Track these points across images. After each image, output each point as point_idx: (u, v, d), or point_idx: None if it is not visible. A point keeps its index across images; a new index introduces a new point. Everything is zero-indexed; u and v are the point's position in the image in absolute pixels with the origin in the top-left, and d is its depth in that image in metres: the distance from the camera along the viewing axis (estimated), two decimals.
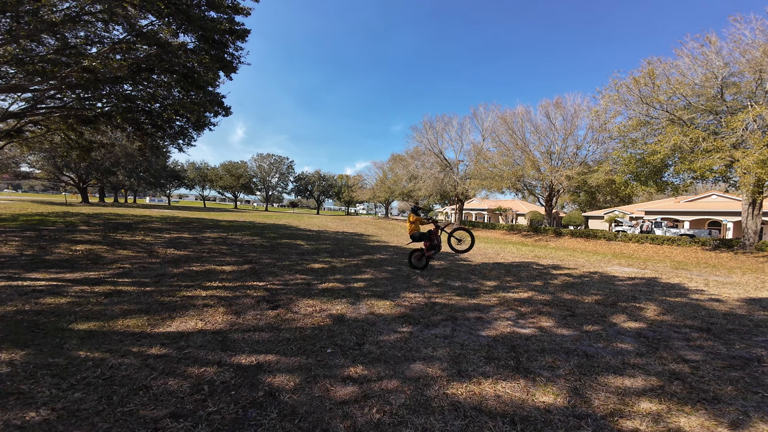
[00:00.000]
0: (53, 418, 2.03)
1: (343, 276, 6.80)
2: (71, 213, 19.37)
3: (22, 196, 54.65)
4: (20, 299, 4.16)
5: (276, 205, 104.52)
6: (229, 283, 5.70)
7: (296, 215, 48.10)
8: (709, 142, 14.66)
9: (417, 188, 39.37)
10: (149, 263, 6.87)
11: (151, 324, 3.65)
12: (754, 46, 14.48)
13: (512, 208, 48.92)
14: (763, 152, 12.95)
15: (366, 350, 3.27)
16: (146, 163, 42.01)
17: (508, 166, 28.43)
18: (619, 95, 18.26)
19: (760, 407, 2.56)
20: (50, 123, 15.28)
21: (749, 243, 16.48)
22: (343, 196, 76.34)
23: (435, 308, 4.87)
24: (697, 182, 18.43)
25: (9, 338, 3.08)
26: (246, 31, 12.95)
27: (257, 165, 71.99)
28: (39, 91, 12.19)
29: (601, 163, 23.86)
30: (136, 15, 10.62)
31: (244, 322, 3.86)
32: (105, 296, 4.51)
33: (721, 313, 5.31)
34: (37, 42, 10.57)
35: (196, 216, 25.86)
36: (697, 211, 29.67)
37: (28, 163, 38.62)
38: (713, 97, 15.90)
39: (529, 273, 8.58)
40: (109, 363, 2.72)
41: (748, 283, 8.65)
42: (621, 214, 36.36)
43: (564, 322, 4.50)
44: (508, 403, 2.46)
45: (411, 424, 2.17)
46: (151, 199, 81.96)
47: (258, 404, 2.30)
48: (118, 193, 55.69)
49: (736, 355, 3.59)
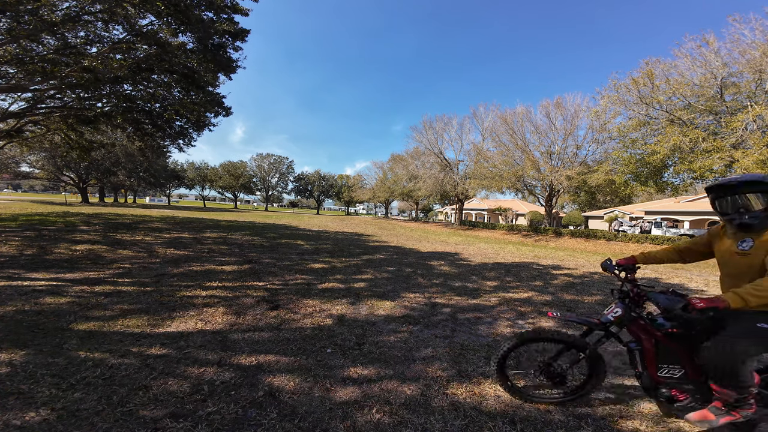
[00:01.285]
0: (53, 418, 2.03)
1: (343, 276, 6.80)
2: (71, 213, 19.37)
3: (22, 196, 54.65)
4: (20, 299, 4.16)
5: (276, 205, 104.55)
6: (229, 283, 5.70)
7: (296, 215, 48.11)
8: (709, 143, 14.66)
9: (417, 188, 39.38)
10: (149, 263, 6.87)
11: (151, 324, 3.65)
12: (753, 46, 14.49)
13: (512, 208, 48.90)
14: (762, 152, 12.95)
15: (366, 350, 3.27)
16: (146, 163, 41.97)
17: (508, 166, 28.43)
18: (619, 96, 18.25)
19: None
20: (50, 123, 15.28)
21: None
22: (343, 196, 76.36)
23: (435, 308, 4.87)
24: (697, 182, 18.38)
25: (9, 338, 3.08)
26: (245, 31, 12.96)
27: (257, 165, 71.98)
28: (39, 91, 12.18)
29: (601, 163, 23.86)
30: (136, 15, 10.61)
31: (244, 322, 3.86)
32: (105, 296, 4.51)
33: None
34: (37, 42, 10.55)
35: (196, 216, 25.86)
36: (697, 211, 29.68)
37: (28, 163, 38.57)
38: (713, 98, 15.89)
39: (529, 273, 8.58)
40: (109, 363, 2.72)
41: None
42: (621, 214, 36.38)
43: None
44: (508, 403, 2.46)
45: (411, 424, 2.17)
46: (151, 199, 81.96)
47: (258, 404, 2.30)
48: (118, 193, 55.67)
49: None
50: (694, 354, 1.98)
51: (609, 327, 2.09)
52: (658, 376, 2.03)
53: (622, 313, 2.04)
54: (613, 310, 2.09)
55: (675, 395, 2.04)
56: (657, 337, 2.02)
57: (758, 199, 1.86)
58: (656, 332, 2.02)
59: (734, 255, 1.95)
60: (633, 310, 2.05)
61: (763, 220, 1.87)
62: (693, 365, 1.99)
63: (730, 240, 2.03)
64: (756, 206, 1.86)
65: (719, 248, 2.12)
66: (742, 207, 1.89)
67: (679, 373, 2.00)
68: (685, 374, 1.98)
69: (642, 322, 2.05)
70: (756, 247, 1.87)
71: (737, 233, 1.99)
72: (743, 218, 1.88)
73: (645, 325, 2.04)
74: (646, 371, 2.07)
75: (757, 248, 1.86)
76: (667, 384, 2.03)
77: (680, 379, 2.00)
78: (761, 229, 1.88)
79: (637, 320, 2.05)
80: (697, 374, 1.98)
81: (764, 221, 1.87)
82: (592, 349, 2.17)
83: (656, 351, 2.03)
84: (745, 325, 1.83)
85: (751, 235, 1.91)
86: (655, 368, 2.03)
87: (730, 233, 2.05)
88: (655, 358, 2.02)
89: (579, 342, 2.18)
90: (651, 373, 2.04)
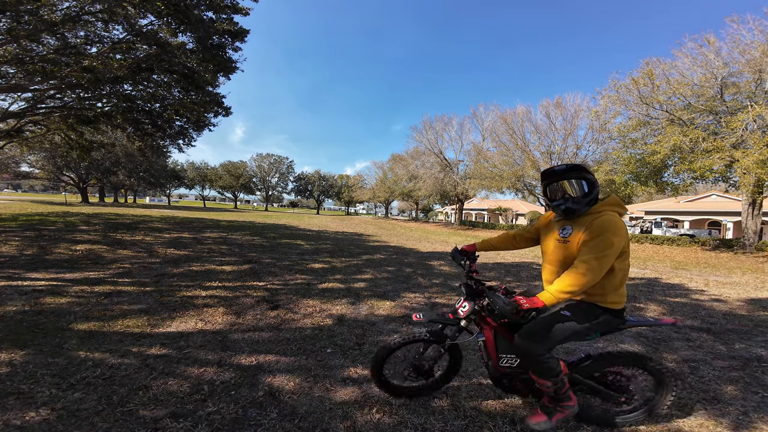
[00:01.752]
0: (53, 418, 2.03)
1: (343, 276, 6.80)
2: (71, 213, 19.37)
3: (22, 196, 54.64)
4: (20, 299, 4.16)
5: (276, 205, 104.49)
6: (229, 283, 5.70)
7: (296, 215, 48.11)
8: (709, 143, 14.65)
9: (417, 188, 39.38)
10: (149, 263, 6.87)
11: (151, 324, 3.65)
12: (753, 46, 14.48)
13: (512, 208, 48.91)
14: (763, 152, 12.95)
15: (366, 350, 3.27)
16: (146, 163, 41.96)
17: (508, 166, 28.44)
18: (619, 96, 18.25)
19: (760, 407, 2.56)
20: (50, 123, 15.29)
21: (749, 243, 16.48)
22: (343, 196, 76.37)
23: (435, 308, 4.87)
24: (697, 182, 18.39)
25: (9, 338, 3.07)
26: (245, 31, 12.96)
27: (257, 165, 71.97)
28: (39, 91, 12.19)
29: (601, 163, 23.85)
30: (136, 15, 10.61)
31: (244, 322, 3.86)
32: (105, 296, 4.51)
33: (721, 313, 5.31)
34: (37, 42, 10.55)
35: (196, 216, 25.86)
36: (697, 211, 29.67)
37: (28, 163, 38.57)
38: (713, 98, 15.89)
39: (529, 273, 8.58)
40: (109, 363, 2.72)
41: (748, 283, 8.65)
42: None
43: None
44: (508, 403, 2.46)
45: (411, 424, 2.17)
46: (150, 199, 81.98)
47: (258, 404, 2.30)
48: (118, 193, 55.66)
49: (736, 355, 3.59)
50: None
51: (460, 322, 2.19)
52: (500, 366, 2.13)
53: (469, 308, 2.13)
54: (461, 305, 2.17)
55: (515, 384, 2.16)
56: (495, 327, 2.13)
57: (579, 186, 1.90)
58: (493, 323, 2.13)
59: (556, 242, 1.98)
60: (477, 304, 2.14)
61: (583, 206, 1.91)
62: None
63: (555, 228, 2.05)
64: (575, 192, 1.90)
65: (544, 235, 2.15)
66: (567, 193, 1.93)
67: (516, 362, 2.10)
68: (520, 363, 2.08)
69: (483, 314, 2.15)
70: (574, 234, 1.90)
71: (561, 221, 2.03)
72: (567, 204, 1.91)
73: (485, 316, 2.14)
74: (490, 361, 2.17)
75: (574, 236, 1.89)
76: (508, 374, 2.15)
77: (517, 368, 2.11)
78: (581, 216, 1.92)
79: (480, 313, 2.16)
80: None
81: (584, 208, 1.91)
82: (450, 343, 2.29)
83: (495, 341, 2.14)
84: (548, 315, 1.94)
85: (572, 223, 1.95)
86: (496, 358, 2.13)
87: (556, 221, 2.09)
88: (495, 349, 2.13)
89: (438, 338, 2.29)
90: (494, 364, 2.15)
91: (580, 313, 1.91)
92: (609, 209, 1.90)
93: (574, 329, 1.91)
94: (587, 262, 1.75)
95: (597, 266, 1.75)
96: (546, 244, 2.09)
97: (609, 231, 1.77)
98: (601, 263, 1.76)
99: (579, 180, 1.91)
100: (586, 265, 1.75)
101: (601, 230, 1.78)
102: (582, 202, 1.90)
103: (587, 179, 1.91)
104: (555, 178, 1.95)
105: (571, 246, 1.89)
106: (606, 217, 1.82)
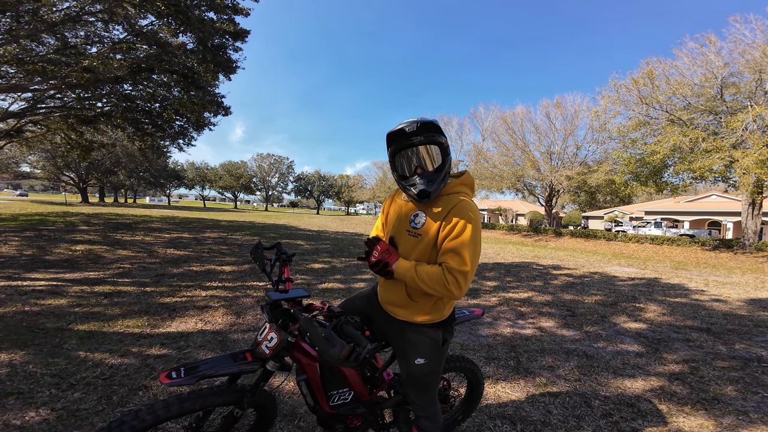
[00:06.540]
0: (53, 418, 2.03)
1: (343, 276, 6.80)
2: (71, 213, 19.37)
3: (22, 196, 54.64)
4: (20, 299, 4.16)
5: (276, 205, 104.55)
6: (229, 283, 5.70)
7: (296, 215, 48.13)
8: (709, 143, 14.66)
9: None
10: (149, 263, 6.87)
11: (151, 324, 3.65)
12: (753, 46, 14.50)
13: (512, 208, 48.92)
14: (762, 152, 12.96)
15: None
16: (146, 163, 41.96)
17: (508, 166, 28.47)
18: (619, 96, 18.27)
19: (760, 407, 2.56)
20: (50, 123, 15.27)
21: (749, 243, 16.48)
22: (343, 196, 76.40)
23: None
24: (697, 182, 18.39)
25: (9, 338, 3.07)
26: (245, 31, 12.96)
27: (257, 165, 72.04)
28: (39, 91, 12.18)
29: (601, 163, 23.88)
30: (136, 15, 10.61)
31: (244, 322, 3.86)
32: (105, 296, 4.51)
33: (721, 313, 5.31)
34: (37, 42, 10.55)
35: (196, 216, 25.86)
36: (697, 211, 29.68)
37: (28, 163, 38.59)
38: (713, 98, 15.90)
39: (529, 273, 8.58)
40: (108, 363, 2.72)
41: (748, 283, 8.65)
42: (621, 214, 36.38)
43: (564, 323, 4.50)
44: (508, 403, 2.46)
45: None
46: (150, 199, 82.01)
47: None
48: (118, 193, 55.67)
49: (736, 355, 3.59)
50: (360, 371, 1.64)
51: (266, 364, 1.38)
52: (331, 406, 1.56)
53: (278, 341, 1.33)
54: (266, 336, 1.36)
55: (351, 423, 1.64)
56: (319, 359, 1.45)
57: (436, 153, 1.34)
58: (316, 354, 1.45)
59: (406, 234, 1.41)
60: (290, 332, 1.36)
61: (438, 186, 1.33)
62: (361, 384, 1.61)
63: (403, 214, 1.46)
64: (433, 164, 1.34)
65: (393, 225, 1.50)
66: (423, 165, 1.34)
67: (350, 395, 1.60)
68: (355, 396, 1.61)
69: (302, 344, 1.44)
70: (427, 224, 1.35)
71: (411, 204, 1.45)
72: (424, 182, 1.31)
73: (305, 347, 1.44)
74: (318, 405, 1.56)
75: (428, 226, 1.35)
76: (341, 414, 1.59)
77: (352, 403, 1.61)
78: (435, 198, 1.37)
79: (296, 343, 1.42)
80: (366, 394, 1.64)
81: (438, 188, 1.34)
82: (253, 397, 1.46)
83: (322, 376, 1.52)
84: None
85: (423, 208, 1.39)
86: (325, 398, 1.55)
87: (405, 202, 1.49)
88: (322, 386, 1.53)
89: (228, 397, 1.42)
90: (323, 406, 1.55)
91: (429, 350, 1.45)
92: (466, 190, 1.42)
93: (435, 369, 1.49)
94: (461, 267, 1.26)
95: (471, 272, 1.29)
96: (397, 238, 1.45)
97: (474, 222, 1.30)
98: (474, 266, 1.31)
99: (433, 145, 1.33)
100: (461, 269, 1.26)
101: (469, 219, 1.29)
102: (437, 179, 1.32)
103: (440, 144, 1.33)
104: (406, 140, 1.31)
105: (425, 240, 1.35)
106: (467, 203, 1.33)
